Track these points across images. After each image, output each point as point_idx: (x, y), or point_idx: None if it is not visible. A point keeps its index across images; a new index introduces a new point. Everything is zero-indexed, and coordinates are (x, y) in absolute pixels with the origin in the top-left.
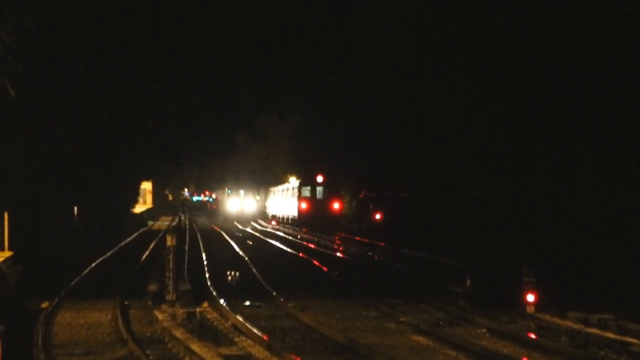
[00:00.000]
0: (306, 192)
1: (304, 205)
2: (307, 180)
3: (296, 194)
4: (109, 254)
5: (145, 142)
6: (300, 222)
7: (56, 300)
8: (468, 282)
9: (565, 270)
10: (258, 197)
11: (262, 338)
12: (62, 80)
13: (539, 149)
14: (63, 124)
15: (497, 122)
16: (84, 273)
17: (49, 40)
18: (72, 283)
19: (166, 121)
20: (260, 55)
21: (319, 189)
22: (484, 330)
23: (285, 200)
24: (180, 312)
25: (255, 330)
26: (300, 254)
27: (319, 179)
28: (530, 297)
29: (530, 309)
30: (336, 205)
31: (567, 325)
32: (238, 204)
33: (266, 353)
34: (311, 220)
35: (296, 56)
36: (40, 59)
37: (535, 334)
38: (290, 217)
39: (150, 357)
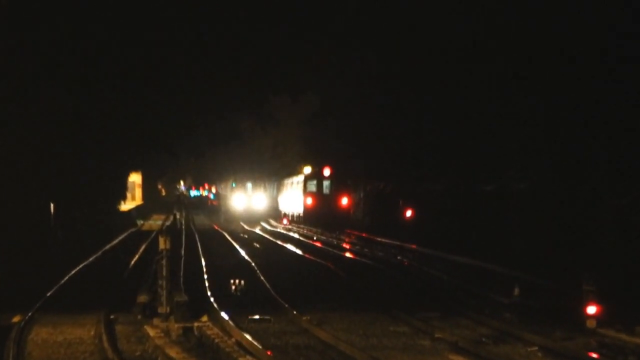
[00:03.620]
0: (312, 186)
1: (309, 201)
2: (313, 173)
3: (301, 188)
4: (91, 259)
5: (134, 128)
6: (305, 219)
7: (29, 314)
8: (516, 291)
9: (632, 277)
10: (267, 192)
11: (266, 353)
12: (35, 57)
13: (600, 137)
14: (34, 108)
15: (550, 104)
16: (62, 282)
17: (21, 16)
18: (49, 294)
19: (158, 103)
20: (268, 27)
21: (326, 183)
22: (536, 348)
23: (293, 195)
24: (176, 327)
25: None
26: (317, 259)
27: (326, 172)
28: (591, 309)
29: (591, 323)
30: (344, 201)
31: (635, 342)
32: (245, 199)
33: None
34: (317, 217)
35: (311, 29)
36: (12, 35)
37: (597, 352)
38: (296, 214)
39: None
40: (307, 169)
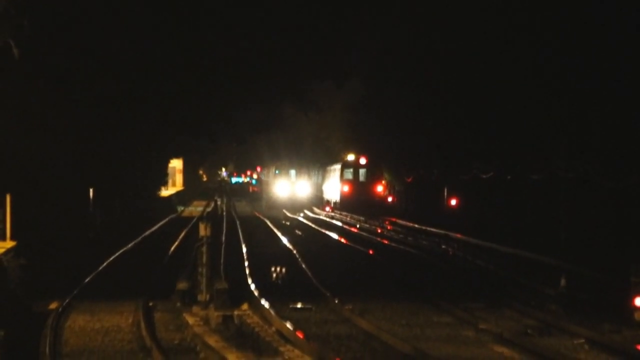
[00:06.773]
0: (349, 174)
1: (346, 188)
2: (350, 161)
3: (338, 176)
4: (130, 245)
5: (176, 114)
6: (342, 205)
7: (67, 301)
8: (562, 282)
9: None
10: (310, 179)
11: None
12: (76, 41)
13: None
14: (76, 92)
15: (602, 92)
16: (100, 268)
17: (58, 5)
18: (87, 280)
19: (200, 88)
20: (314, 11)
21: (362, 171)
22: (582, 340)
23: (335, 183)
24: (215, 315)
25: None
26: (359, 247)
27: (362, 160)
28: None
29: (639, 316)
30: (379, 189)
31: None
32: (287, 186)
33: None
34: (353, 204)
35: (356, 13)
36: (50, 15)
37: None
38: (334, 200)
39: None
40: (351, 157)
